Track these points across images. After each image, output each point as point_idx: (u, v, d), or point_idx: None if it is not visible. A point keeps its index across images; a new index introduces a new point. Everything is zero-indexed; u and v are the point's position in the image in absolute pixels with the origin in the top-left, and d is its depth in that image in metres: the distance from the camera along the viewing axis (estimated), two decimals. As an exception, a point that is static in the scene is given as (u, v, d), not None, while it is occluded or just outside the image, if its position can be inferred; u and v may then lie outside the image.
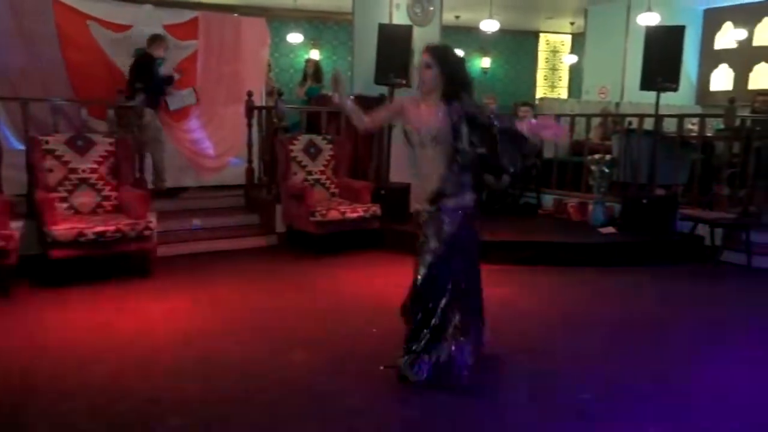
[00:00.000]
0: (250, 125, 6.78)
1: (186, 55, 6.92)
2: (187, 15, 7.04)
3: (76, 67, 6.31)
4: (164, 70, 6.46)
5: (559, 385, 3.20)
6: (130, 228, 4.86)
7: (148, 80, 6.14)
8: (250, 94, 6.76)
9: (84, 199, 5.22)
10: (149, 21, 6.70)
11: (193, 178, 7.16)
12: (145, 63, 6.22)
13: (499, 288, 4.82)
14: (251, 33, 7.37)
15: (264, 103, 7.39)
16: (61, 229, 4.63)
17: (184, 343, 3.70)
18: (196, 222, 6.28)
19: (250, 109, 6.76)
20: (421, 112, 3.03)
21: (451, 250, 3.03)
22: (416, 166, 3.10)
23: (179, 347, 3.63)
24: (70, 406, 2.88)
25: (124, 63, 6.57)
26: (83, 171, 5.25)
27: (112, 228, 4.79)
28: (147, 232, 4.96)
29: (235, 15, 7.70)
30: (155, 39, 6.28)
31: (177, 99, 6.62)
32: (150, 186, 6.06)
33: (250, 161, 6.90)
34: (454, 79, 2.97)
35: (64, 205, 5.10)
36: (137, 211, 5.03)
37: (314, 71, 9.59)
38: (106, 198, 5.32)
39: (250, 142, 6.83)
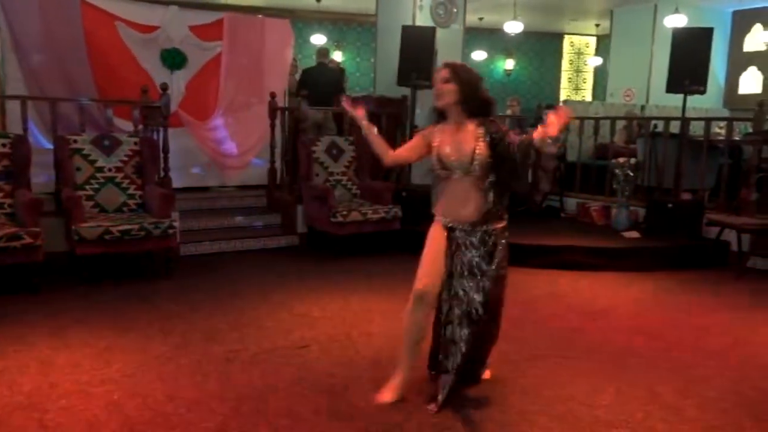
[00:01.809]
0: (273, 126, 6.83)
1: (211, 56, 6.99)
2: (212, 16, 7.11)
3: (101, 68, 6.40)
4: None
5: (575, 390, 3.17)
6: (154, 226, 4.93)
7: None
8: (273, 95, 6.81)
9: (110, 197, 5.30)
10: (176, 22, 6.78)
11: (217, 177, 7.24)
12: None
13: (521, 291, 4.80)
14: (275, 34, 7.42)
15: (287, 104, 7.43)
16: (88, 226, 4.71)
17: (206, 343, 3.73)
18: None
19: (273, 109, 6.81)
20: (453, 137, 2.89)
21: (499, 271, 2.88)
22: (445, 192, 2.96)
23: (200, 346, 3.67)
24: (94, 401, 2.91)
25: (151, 63, 6.67)
26: (109, 170, 5.33)
27: (136, 226, 4.86)
28: (171, 231, 5.02)
29: (260, 16, 7.75)
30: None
31: None
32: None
33: (272, 162, 6.95)
34: (474, 96, 2.85)
35: (91, 203, 5.19)
36: (161, 210, 5.09)
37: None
38: (131, 196, 5.39)
39: (272, 143, 6.88)
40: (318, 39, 12.07)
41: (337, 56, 12.41)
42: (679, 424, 2.87)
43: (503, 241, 2.91)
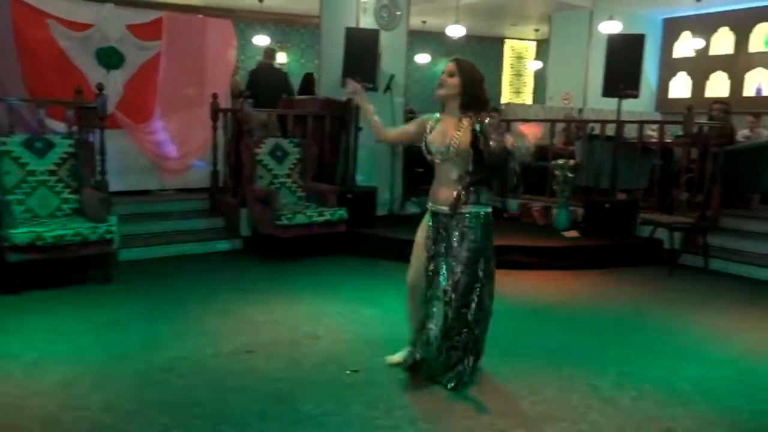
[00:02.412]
0: (215, 128, 6.71)
1: (150, 56, 6.81)
2: (150, 15, 6.92)
3: (32, 68, 6.15)
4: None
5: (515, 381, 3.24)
6: (91, 231, 4.76)
7: None
8: (215, 96, 6.69)
9: (42, 201, 5.09)
10: (112, 20, 6.57)
11: (157, 180, 7.06)
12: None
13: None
14: (216, 34, 7.29)
15: (229, 106, 7.31)
16: (18, 232, 4.51)
17: (147, 351, 3.63)
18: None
19: (215, 111, 6.69)
20: (443, 128, 3.13)
21: (476, 255, 3.08)
22: (434, 175, 3.21)
23: (140, 354, 3.57)
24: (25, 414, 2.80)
25: (85, 63, 6.45)
26: (42, 173, 5.12)
27: (71, 231, 4.69)
28: (108, 236, 4.86)
29: (200, 16, 7.60)
30: None
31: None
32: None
33: (215, 164, 6.83)
34: (473, 93, 3.08)
35: (22, 207, 4.97)
36: (98, 214, 4.93)
37: None
38: (66, 201, 5.19)
39: (215, 145, 6.76)
40: (261, 40, 11.92)
41: (281, 57, 12.29)
42: (618, 418, 2.97)
43: (479, 230, 3.08)
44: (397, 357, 3.39)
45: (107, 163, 5.63)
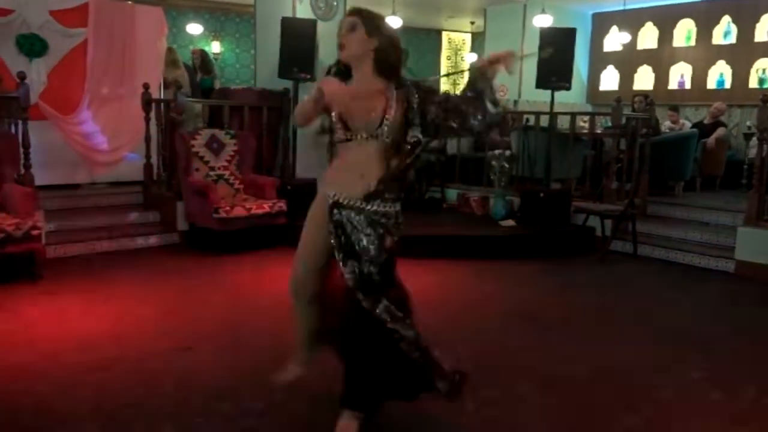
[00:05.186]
0: (147, 119, 6.49)
1: (75, 44, 6.52)
2: (75, 1, 6.61)
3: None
4: None
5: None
6: (15, 227, 4.53)
7: None
8: (146, 86, 6.47)
9: (-40, 197, 4.82)
10: (33, 6, 6.25)
11: (86, 174, 6.78)
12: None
13: (405, 280, 4.91)
14: (146, 22, 7.05)
15: (162, 96, 7.10)
16: (-66, 230, 4.25)
17: (76, 350, 3.49)
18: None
19: (147, 102, 6.47)
20: (362, 95, 2.45)
21: (391, 257, 2.54)
22: (341, 156, 2.55)
23: (71, 354, 3.43)
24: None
25: (5, 50, 6.11)
26: (-41, 167, 4.84)
27: (-7, 228, 4.45)
28: (34, 232, 4.64)
29: (129, 2, 7.33)
30: None
31: None
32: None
33: (148, 156, 6.61)
34: (388, 51, 2.46)
35: (-63, 204, 4.69)
36: (23, 210, 4.69)
37: (201, 62, 9.24)
38: (-13, 196, 4.93)
39: (147, 137, 6.54)
40: (194, 28, 11.61)
41: (215, 47, 12.00)
42: (550, 397, 3.08)
43: (394, 231, 2.52)
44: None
45: (32, 156, 5.37)
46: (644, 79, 10.88)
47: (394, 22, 10.20)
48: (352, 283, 2.46)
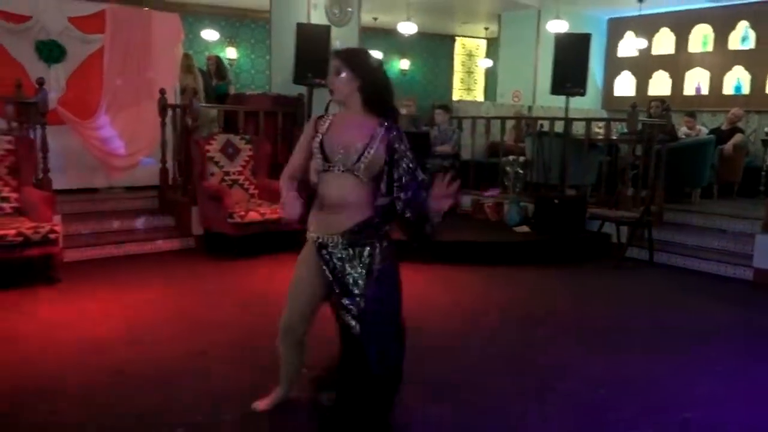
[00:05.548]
0: (163, 124, 6.55)
1: (92, 50, 6.59)
2: (93, 7, 6.68)
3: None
4: None
5: (471, 379, 3.29)
6: (33, 231, 4.58)
7: None
8: (162, 91, 6.53)
9: (-20, 201, 4.88)
10: (52, 12, 6.32)
11: (104, 178, 6.85)
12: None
13: (418, 285, 4.91)
14: (163, 28, 7.11)
15: (178, 101, 7.16)
16: (-46, 233, 4.31)
17: (92, 352, 3.52)
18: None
19: (163, 107, 6.53)
20: (347, 127, 2.46)
21: (380, 286, 2.46)
22: (320, 190, 2.49)
23: (87, 356, 3.45)
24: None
25: (25, 56, 6.19)
26: (-21, 171, 4.91)
27: (12, 232, 4.50)
28: (52, 236, 4.69)
29: (146, 9, 7.40)
30: None
31: None
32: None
33: (164, 161, 6.67)
34: (373, 83, 2.45)
35: (-42, 207, 4.76)
36: (41, 214, 4.75)
37: (216, 68, 9.31)
38: (5, 200, 4.98)
39: (163, 142, 6.60)
40: (210, 34, 11.70)
41: (231, 53, 12.10)
42: (565, 405, 3.05)
43: (386, 262, 2.46)
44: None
45: (50, 160, 5.43)
46: (660, 84, 10.82)
47: (408, 28, 10.23)
48: (348, 320, 2.44)
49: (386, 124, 2.45)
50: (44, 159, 5.38)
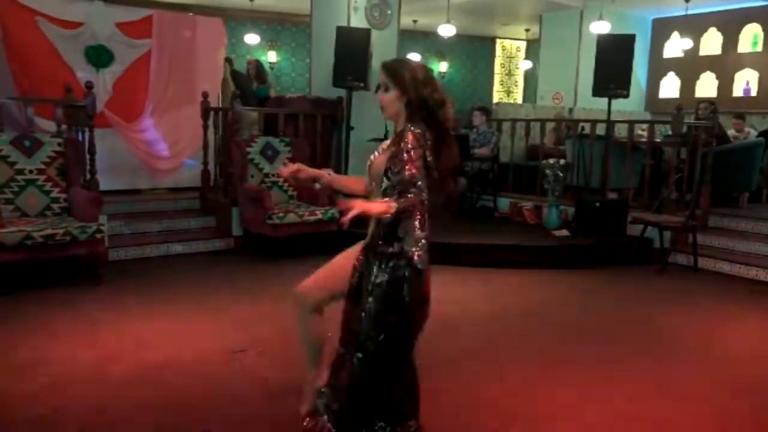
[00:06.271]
0: (206, 126, 6.69)
1: (139, 54, 6.77)
2: (140, 13, 6.88)
3: (21, 65, 6.11)
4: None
5: (503, 386, 3.26)
6: (80, 230, 4.73)
7: None
8: (205, 95, 6.66)
9: (31, 200, 5.05)
10: (101, 18, 6.53)
11: (147, 179, 7.02)
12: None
13: (455, 289, 4.89)
14: (207, 33, 7.26)
15: (220, 105, 7.29)
16: (7, 231, 4.46)
17: (135, 350, 3.61)
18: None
19: (206, 110, 6.66)
20: (386, 146, 2.39)
21: (380, 305, 2.30)
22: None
23: (130, 353, 3.55)
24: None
25: (75, 61, 6.40)
26: (30, 172, 5.07)
27: (61, 231, 4.65)
28: (98, 235, 4.83)
29: (191, 14, 7.57)
30: None
31: None
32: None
33: (205, 163, 6.80)
34: (419, 97, 2.25)
35: (10, 207, 4.93)
36: (88, 213, 4.89)
37: (256, 72, 9.44)
38: (55, 200, 5.15)
39: (206, 144, 6.73)
40: (251, 38, 11.90)
41: (272, 56, 12.27)
42: (613, 418, 2.99)
43: (387, 277, 2.29)
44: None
45: (97, 161, 5.60)
46: (707, 86, 10.52)
47: (448, 30, 10.19)
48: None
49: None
50: (91, 161, 5.55)
